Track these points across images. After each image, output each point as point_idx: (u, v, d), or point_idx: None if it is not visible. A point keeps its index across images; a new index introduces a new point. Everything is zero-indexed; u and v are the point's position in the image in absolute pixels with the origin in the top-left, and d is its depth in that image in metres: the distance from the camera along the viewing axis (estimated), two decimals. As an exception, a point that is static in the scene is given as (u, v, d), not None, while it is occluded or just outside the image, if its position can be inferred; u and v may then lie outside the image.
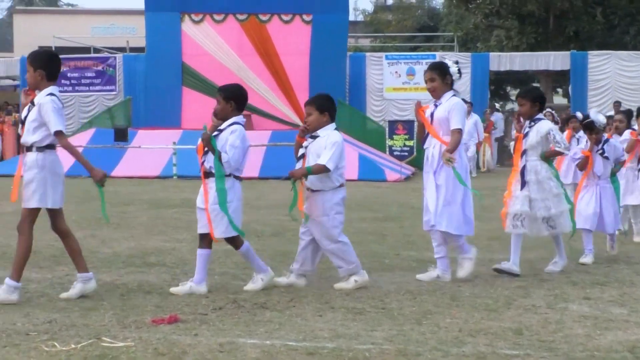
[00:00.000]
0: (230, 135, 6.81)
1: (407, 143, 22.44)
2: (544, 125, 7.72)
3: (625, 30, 30.81)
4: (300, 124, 7.79)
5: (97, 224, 11.13)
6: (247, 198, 14.89)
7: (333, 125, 7.18)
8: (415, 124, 22.81)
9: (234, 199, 6.86)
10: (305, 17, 25.01)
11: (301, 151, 7.15)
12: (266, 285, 6.91)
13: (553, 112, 16.68)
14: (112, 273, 7.55)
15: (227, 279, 7.36)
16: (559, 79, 31.55)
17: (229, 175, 6.81)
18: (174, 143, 20.55)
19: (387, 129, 23.10)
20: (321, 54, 24.30)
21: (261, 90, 24.71)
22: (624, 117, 12.20)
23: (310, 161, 6.98)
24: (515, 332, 5.52)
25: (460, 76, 7.50)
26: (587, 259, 8.33)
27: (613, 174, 8.73)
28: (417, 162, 22.15)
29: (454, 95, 7.45)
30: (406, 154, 22.38)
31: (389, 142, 22.75)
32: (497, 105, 26.38)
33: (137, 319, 5.79)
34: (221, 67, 24.79)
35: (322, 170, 6.89)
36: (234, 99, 7.05)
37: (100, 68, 26.11)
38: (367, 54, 27.15)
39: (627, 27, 30.77)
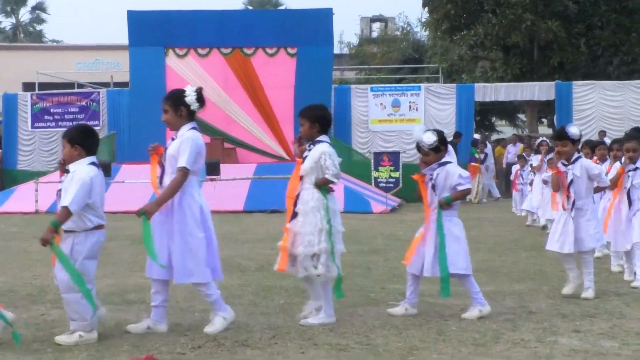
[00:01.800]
0: None
1: (393, 174, 22.35)
2: (318, 149, 6.78)
3: (609, 61, 30.98)
4: (286, 156, 7.46)
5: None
6: (231, 232, 14.82)
7: (88, 159, 6.27)
8: (401, 155, 22.89)
9: None
10: (290, 50, 24.99)
11: (59, 186, 6.36)
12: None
13: (548, 141, 16.09)
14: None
15: (208, 316, 7.09)
16: (544, 109, 31.64)
17: None
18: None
19: (372, 160, 23.01)
20: (306, 86, 24.21)
21: (246, 123, 24.64)
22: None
23: (63, 197, 6.13)
24: (504, 368, 5.35)
25: (200, 105, 6.55)
26: (398, 309, 7.21)
27: (440, 205, 7.13)
28: (403, 194, 22.05)
29: (192, 128, 6.55)
30: (392, 185, 22.27)
31: (374, 174, 22.64)
32: (478, 136, 26.37)
33: (112, 360, 5.60)
34: (206, 100, 24.65)
35: (65, 213, 5.99)
36: None
37: (83, 103, 25.96)
38: (352, 86, 27.12)
39: (610, 57, 30.94)
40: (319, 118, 6.89)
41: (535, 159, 15.87)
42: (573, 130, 8.06)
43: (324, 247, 6.69)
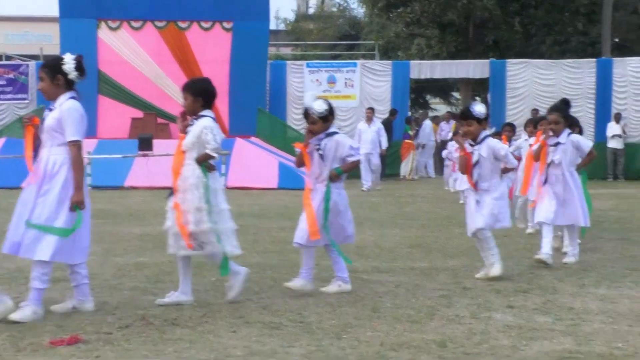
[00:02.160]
0: None
1: (328, 151, 22.25)
2: (200, 124, 6.51)
3: (542, 40, 31.33)
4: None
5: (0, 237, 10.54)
6: (163, 208, 14.49)
7: None
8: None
9: None
10: (225, 24, 24.62)
11: None
12: None
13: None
14: (13, 290, 7.05)
15: (137, 294, 6.95)
16: (478, 87, 31.88)
17: None
18: (89, 153, 19.88)
19: (308, 137, 22.89)
20: (242, 61, 23.96)
21: (180, 98, 24.18)
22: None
23: None
24: (439, 345, 5.26)
25: (80, 74, 6.21)
26: (331, 286, 7.13)
27: (331, 177, 7.03)
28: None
29: (71, 98, 6.18)
30: (327, 162, 22.18)
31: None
32: (410, 114, 26.47)
33: (33, 341, 5.34)
34: (139, 74, 24.24)
35: None
36: None
37: (11, 76, 25.23)
38: (288, 62, 26.91)
39: (543, 37, 31.29)
40: (202, 92, 6.65)
41: None
42: (478, 109, 7.68)
43: (207, 227, 6.44)
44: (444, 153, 20.17)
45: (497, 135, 13.73)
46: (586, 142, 8.83)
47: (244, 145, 21.44)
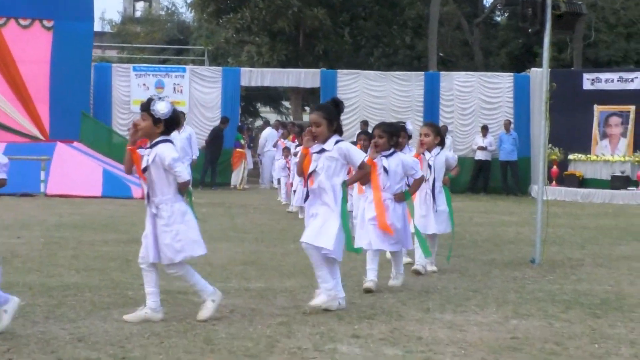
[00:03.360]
0: None
1: (155, 158, 21.35)
2: None
3: (371, 52, 31.68)
4: (40, 136, 6.20)
5: None
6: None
7: None
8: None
9: None
10: (46, 22, 23.15)
11: None
12: None
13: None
14: None
15: None
16: (309, 96, 31.80)
17: None
18: None
19: (134, 143, 21.92)
20: (63, 62, 22.56)
21: (-4, 100, 22.63)
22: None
23: None
24: (281, 384, 4.71)
25: None
26: None
27: None
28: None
29: None
30: (154, 170, 21.28)
31: (135, 157, 21.57)
32: (243, 122, 25.90)
33: None
34: None
35: None
36: None
37: None
38: (114, 64, 25.76)
39: (372, 48, 31.64)
40: None
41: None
42: (158, 106, 6.14)
43: None
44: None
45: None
46: (358, 153, 7.02)
47: (65, 150, 20.22)
